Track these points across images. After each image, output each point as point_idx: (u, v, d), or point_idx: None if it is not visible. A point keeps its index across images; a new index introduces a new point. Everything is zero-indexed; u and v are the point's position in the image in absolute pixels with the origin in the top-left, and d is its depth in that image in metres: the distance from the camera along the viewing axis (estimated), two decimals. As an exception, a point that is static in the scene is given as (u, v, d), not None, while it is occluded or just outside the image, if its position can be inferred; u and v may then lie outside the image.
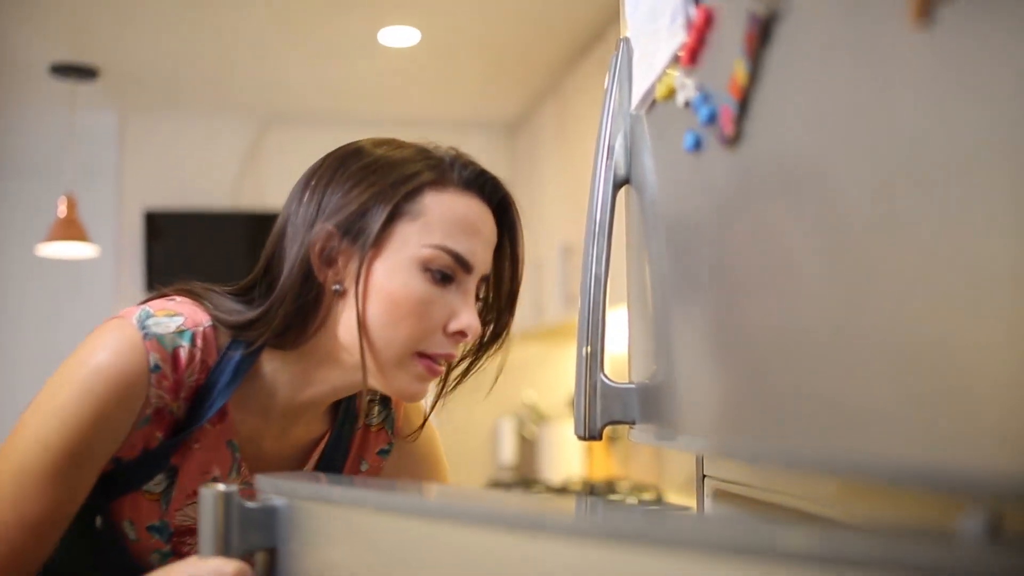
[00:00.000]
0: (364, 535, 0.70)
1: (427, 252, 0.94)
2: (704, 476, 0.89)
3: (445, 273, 0.95)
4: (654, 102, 0.78)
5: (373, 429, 1.13)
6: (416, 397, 1.00)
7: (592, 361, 0.83)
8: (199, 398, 0.96)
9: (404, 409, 1.15)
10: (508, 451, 4.25)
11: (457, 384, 1.08)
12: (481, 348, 1.06)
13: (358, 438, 1.12)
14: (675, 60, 0.72)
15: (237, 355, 0.96)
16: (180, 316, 0.95)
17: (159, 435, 0.94)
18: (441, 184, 0.97)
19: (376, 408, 1.14)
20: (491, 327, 1.06)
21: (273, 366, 0.99)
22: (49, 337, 5.00)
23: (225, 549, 0.78)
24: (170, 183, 4.34)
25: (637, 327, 0.88)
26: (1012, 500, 0.37)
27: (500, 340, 1.07)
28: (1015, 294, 0.37)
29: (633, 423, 0.84)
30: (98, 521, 0.97)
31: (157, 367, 0.91)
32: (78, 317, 4.94)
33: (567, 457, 3.93)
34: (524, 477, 4.04)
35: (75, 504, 0.92)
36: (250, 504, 0.79)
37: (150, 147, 4.36)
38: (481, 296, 1.02)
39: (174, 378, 0.93)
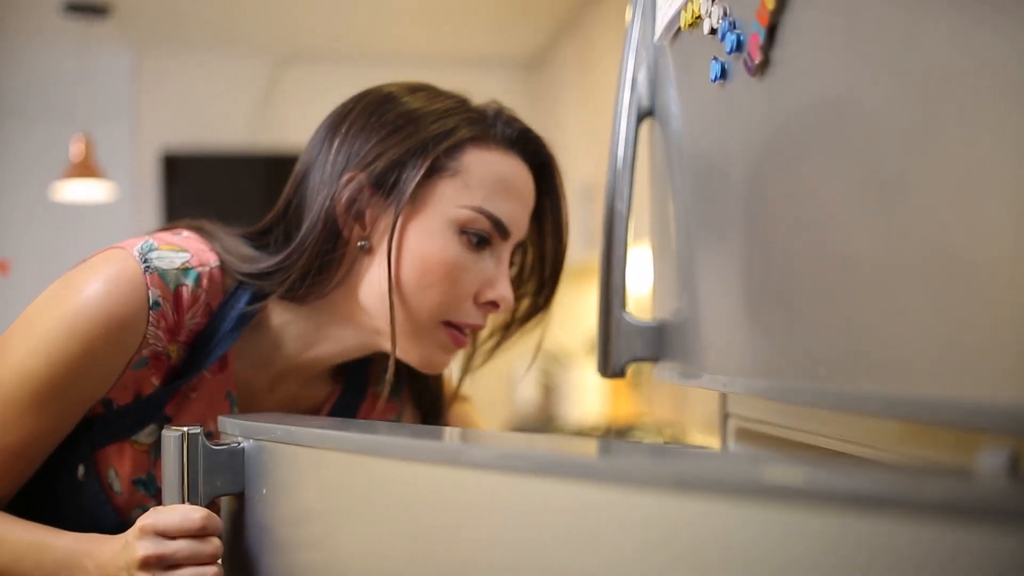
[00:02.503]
0: (337, 478, 0.67)
1: (465, 214, 0.88)
2: (727, 415, 0.88)
3: (481, 237, 0.89)
4: (678, 31, 0.76)
5: (381, 399, 1.05)
6: (438, 368, 0.95)
7: (615, 298, 0.82)
8: (199, 343, 0.89)
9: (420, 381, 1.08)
10: (528, 393, 4.27)
11: (485, 360, 1.02)
12: (514, 322, 1.00)
13: (365, 408, 1.05)
14: (701, -14, 0.70)
15: (244, 300, 0.90)
16: (186, 253, 0.88)
17: (155, 381, 0.89)
18: (483, 141, 0.90)
19: (384, 378, 1.04)
20: (527, 300, 1.00)
21: (283, 318, 0.93)
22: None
23: (190, 495, 0.74)
24: (187, 124, 4.32)
25: (660, 264, 0.86)
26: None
27: (540, 315, 1.00)
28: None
29: (656, 361, 0.83)
30: (80, 471, 0.90)
31: (157, 304, 0.84)
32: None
33: (588, 399, 3.95)
34: (545, 419, 4.06)
35: (57, 437, 0.87)
36: (215, 446, 0.75)
37: (166, 87, 4.33)
38: (514, 263, 0.96)
39: (175, 318, 0.86)
